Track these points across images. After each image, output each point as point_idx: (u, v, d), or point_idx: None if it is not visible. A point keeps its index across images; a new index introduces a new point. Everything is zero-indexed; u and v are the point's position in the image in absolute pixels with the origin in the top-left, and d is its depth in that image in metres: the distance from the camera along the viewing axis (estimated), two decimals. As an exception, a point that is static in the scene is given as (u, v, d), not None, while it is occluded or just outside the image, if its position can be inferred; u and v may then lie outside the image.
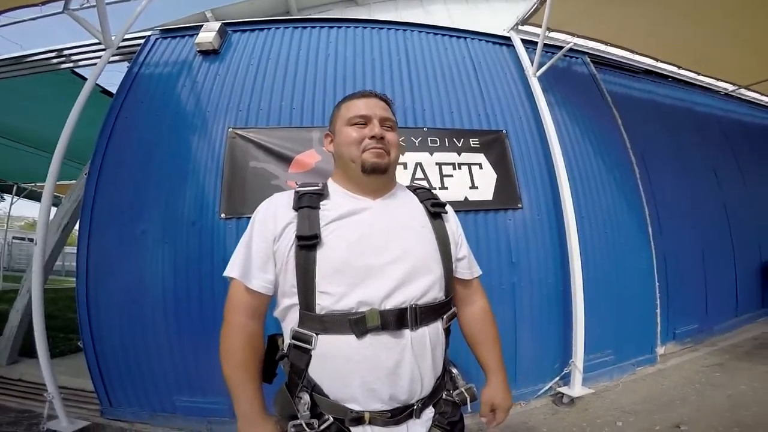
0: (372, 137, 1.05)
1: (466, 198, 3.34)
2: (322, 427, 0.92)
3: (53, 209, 3.51)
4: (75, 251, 3.28)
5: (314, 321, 0.94)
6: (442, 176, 3.37)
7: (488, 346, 1.20)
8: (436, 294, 1.02)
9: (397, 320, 0.93)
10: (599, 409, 2.97)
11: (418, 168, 3.36)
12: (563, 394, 3.08)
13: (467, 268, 1.20)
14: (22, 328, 3.94)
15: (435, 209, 1.14)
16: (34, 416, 2.86)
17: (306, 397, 0.94)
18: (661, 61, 4.77)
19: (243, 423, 0.98)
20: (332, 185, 1.13)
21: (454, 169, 3.42)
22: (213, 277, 2.95)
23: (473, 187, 3.39)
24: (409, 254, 1.00)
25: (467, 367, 1.22)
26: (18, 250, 18.47)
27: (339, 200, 1.07)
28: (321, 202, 1.04)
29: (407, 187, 1.23)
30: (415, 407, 0.96)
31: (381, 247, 0.99)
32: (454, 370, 1.11)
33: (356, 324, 0.91)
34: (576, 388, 3.08)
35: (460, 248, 1.19)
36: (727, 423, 2.59)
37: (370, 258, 0.97)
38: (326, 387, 0.94)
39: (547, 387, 3.23)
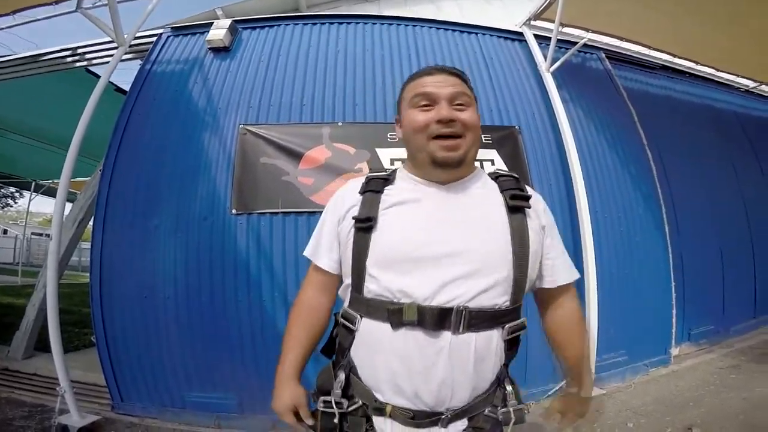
0: (440, 121, 0.92)
1: (477, 194, 3.30)
2: (350, 409, 0.92)
3: (69, 205, 3.57)
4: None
5: (361, 303, 0.93)
6: (453, 172, 3.33)
7: (570, 350, 1.08)
8: (497, 299, 0.88)
9: (436, 320, 0.84)
10: (610, 410, 2.93)
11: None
12: (574, 394, 3.04)
13: (551, 274, 1.04)
14: (38, 323, 4.01)
15: (515, 202, 0.96)
16: (47, 410, 2.90)
17: (342, 376, 0.94)
18: (679, 57, 4.65)
19: (275, 383, 1.04)
20: (401, 171, 1.06)
21: (466, 165, 3.38)
22: (224, 271, 2.98)
23: (485, 183, 3.35)
24: (471, 249, 0.88)
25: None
26: (36, 246, 18.91)
27: (403, 185, 1.00)
28: (386, 188, 1.00)
29: (489, 174, 1.08)
30: (442, 417, 0.87)
31: (438, 237, 0.90)
32: (509, 388, 0.94)
33: (393, 314, 0.86)
34: (587, 389, 3.03)
35: (548, 250, 1.03)
36: (741, 426, 2.54)
37: (425, 247, 0.88)
38: (360, 370, 0.93)
39: (557, 387, 3.19)
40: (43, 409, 2.97)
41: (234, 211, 3.09)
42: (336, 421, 0.92)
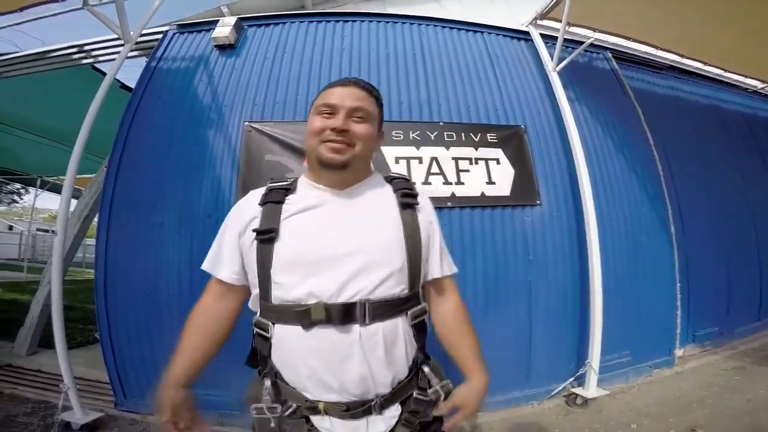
0: (333, 129, 1.01)
1: (482, 193, 3.30)
2: (287, 413, 0.95)
3: (74, 202, 3.58)
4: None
5: (270, 311, 0.98)
6: (458, 171, 3.33)
7: (461, 347, 1.13)
8: (395, 288, 0.98)
9: (343, 315, 0.92)
10: (613, 410, 2.92)
11: (434, 162, 3.33)
12: (577, 395, 3.03)
13: (434, 266, 1.13)
14: (42, 320, 4.02)
15: (405, 200, 1.09)
16: (50, 407, 2.90)
17: (267, 383, 0.97)
18: (687, 58, 4.62)
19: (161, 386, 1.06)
20: (301, 179, 1.13)
21: (471, 164, 3.38)
22: (227, 270, 2.96)
23: (490, 182, 3.35)
24: (366, 247, 0.98)
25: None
26: (41, 242, 18.97)
27: (304, 193, 1.08)
28: (287, 197, 1.06)
29: (384, 177, 1.19)
30: (373, 403, 0.94)
31: (336, 239, 0.98)
32: (427, 369, 1.04)
33: (301, 316, 0.92)
34: (590, 389, 3.02)
35: (434, 243, 1.13)
36: (745, 427, 2.52)
37: (324, 250, 0.96)
38: (285, 374, 0.98)
39: (560, 387, 3.18)
40: (47, 406, 2.97)
41: (238, 208, 3.07)
42: (273, 425, 0.95)
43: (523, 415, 2.96)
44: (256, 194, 1.11)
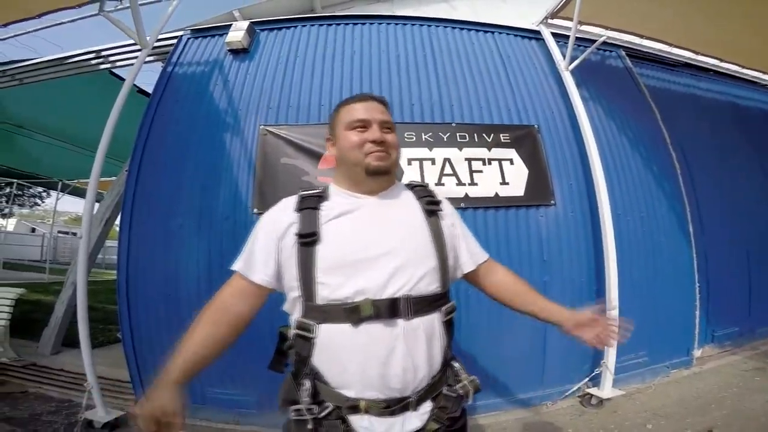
0: (373, 141, 1.11)
1: (496, 194, 3.30)
2: (322, 414, 0.97)
3: (96, 205, 3.67)
4: (115, 245, 3.40)
5: (315, 311, 1.00)
6: (471, 172, 3.34)
7: (537, 300, 1.25)
8: (431, 285, 1.05)
9: (389, 310, 0.97)
10: (629, 411, 2.90)
11: (447, 164, 3.34)
12: (592, 395, 3.01)
13: (470, 257, 1.25)
14: (66, 319, 4.13)
15: (430, 207, 1.18)
16: (74, 405, 2.99)
17: (307, 384, 0.99)
18: (702, 54, 4.54)
19: (156, 384, 1.01)
20: (332, 187, 1.20)
21: (484, 164, 3.38)
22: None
23: (504, 183, 3.35)
24: (402, 247, 1.05)
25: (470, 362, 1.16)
26: (62, 244, 19.33)
27: (338, 200, 1.14)
28: (321, 204, 1.12)
29: (406, 185, 1.28)
30: (410, 400, 0.98)
31: (375, 240, 1.04)
32: (456, 364, 1.12)
33: (351, 313, 0.96)
34: (606, 390, 3.00)
35: (459, 242, 1.23)
36: (763, 428, 2.49)
37: (365, 251, 1.02)
38: (326, 374, 0.99)
39: (575, 388, 3.16)
40: (70, 404, 3.08)
41: (255, 210, 3.12)
42: (310, 427, 0.96)
43: (537, 415, 2.96)
44: (289, 201, 1.16)
